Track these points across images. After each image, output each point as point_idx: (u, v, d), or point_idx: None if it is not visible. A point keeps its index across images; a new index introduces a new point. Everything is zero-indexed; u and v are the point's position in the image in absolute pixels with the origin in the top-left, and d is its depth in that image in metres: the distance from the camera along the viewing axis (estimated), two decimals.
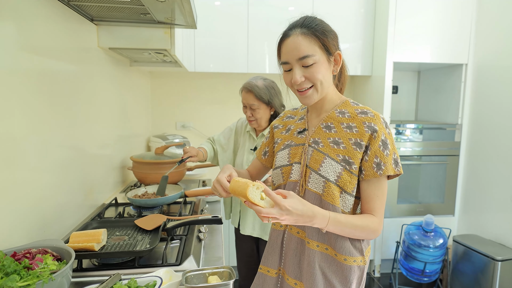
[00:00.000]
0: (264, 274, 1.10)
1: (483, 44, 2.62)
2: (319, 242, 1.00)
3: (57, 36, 1.28)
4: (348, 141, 0.98)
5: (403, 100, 3.29)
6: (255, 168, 1.25)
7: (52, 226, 1.24)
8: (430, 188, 2.91)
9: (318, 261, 1.00)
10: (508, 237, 2.41)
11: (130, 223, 1.31)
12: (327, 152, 0.99)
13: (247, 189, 0.84)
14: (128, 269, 1.07)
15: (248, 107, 1.77)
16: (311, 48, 0.95)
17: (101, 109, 1.76)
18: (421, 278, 2.57)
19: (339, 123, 1.02)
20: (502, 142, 2.45)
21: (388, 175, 0.97)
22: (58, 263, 0.87)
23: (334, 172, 0.96)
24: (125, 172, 2.22)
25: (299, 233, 1.04)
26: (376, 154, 0.95)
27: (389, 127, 1.01)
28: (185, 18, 1.54)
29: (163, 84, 3.03)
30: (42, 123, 1.18)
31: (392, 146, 0.98)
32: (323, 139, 1.02)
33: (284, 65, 1.00)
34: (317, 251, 1.00)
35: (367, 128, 0.97)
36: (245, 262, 2.04)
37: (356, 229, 0.95)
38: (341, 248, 0.98)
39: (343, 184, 0.96)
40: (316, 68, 0.96)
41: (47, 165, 1.21)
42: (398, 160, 0.99)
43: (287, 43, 0.98)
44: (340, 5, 2.75)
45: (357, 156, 0.96)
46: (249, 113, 1.78)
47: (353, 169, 0.96)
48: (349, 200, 0.99)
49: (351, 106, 1.04)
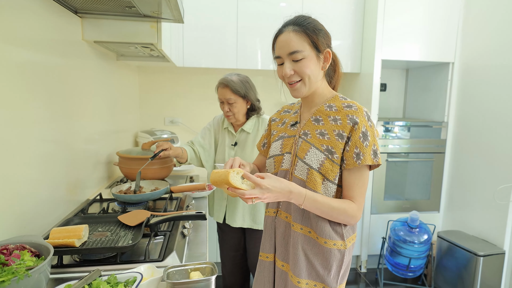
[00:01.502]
0: (263, 261, 1.19)
1: (469, 44, 2.65)
2: (302, 225, 1.08)
3: (38, 28, 1.25)
4: (332, 132, 1.06)
5: (392, 98, 3.31)
6: (260, 161, 1.35)
7: (34, 222, 1.23)
8: (416, 185, 2.95)
9: (301, 243, 1.08)
10: (490, 233, 2.46)
11: (113, 219, 1.30)
12: (313, 142, 1.07)
13: (229, 175, 0.91)
14: (110, 265, 1.06)
15: (225, 102, 1.82)
16: (300, 44, 1.03)
17: (87, 102, 1.74)
18: (406, 273, 2.61)
19: (327, 116, 1.09)
20: (486, 141, 2.49)
21: (368, 165, 1.04)
22: (36, 259, 0.86)
23: (317, 161, 1.04)
24: (111, 167, 2.20)
25: (287, 218, 1.13)
26: (356, 144, 1.02)
27: (372, 120, 1.07)
28: (172, 12, 1.53)
29: (151, 78, 3.00)
30: (23, 116, 1.15)
31: (373, 138, 1.04)
32: (312, 131, 1.10)
33: (277, 59, 1.09)
34: (300, 233, 1.08)
35: (349, 120, 1.04)
36: (231, 257, 2.04)
37: (333, 211, 1.02)
38: (322, 231, 1.06)
39: (325, 172, 1.04)
40: (304, 63, 1.04)
41: (29, 159, 1.19)
42: (377, 152, 1.05)
43: (280, 39, 1.06)
44: (330, 3, 2.75)
45: (339, 146, 1.04)
46: (227, 108, 1.83)
47: (335, 158, 1.04)
48: (331, 188, 1.06)
49: (339, 100, 1.11)
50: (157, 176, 2.00)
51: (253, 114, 1.88)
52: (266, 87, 2.81)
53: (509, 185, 2.29)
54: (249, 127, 1.86)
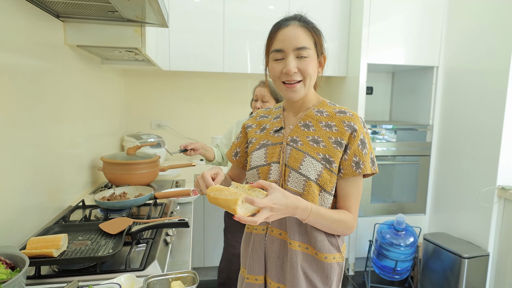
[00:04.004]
0: (252, 284, 1.07)
1: (453, 48, 2.69)
2: (300, 242, 1.00)
3: (17, 32, 1.22)
4: (328, 139, 0.98)
5: (378, 101, 3.34)
6: (234, 173, 1.23)
7: (12, 231, 1.19)
8: (403, 187, 2.98)
9: (300, 262, 1.00)
10: (475, 235, 2.49)
11: (94, 227, 1.28)
12: (307, 150, 0.99)
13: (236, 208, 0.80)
14: (90, 275, 1.04)
15: (260, 99, 1.93)
16: (308, 41, 0.96)
17: (70, 106, 1.71)
18: (393, 276, 2.63)
19: (318, 121, 1.02)
20: (470, 144, 2.53)
21: (365, 173, 0.99)
22: (11, 271, 0.84)
23: (315, 171, 0.96)
24: (96, 172, 2.16)
25: (282, 235, 1.03)
26: (355, 153, 0.97)
27: (367, 126, 1.03)
28: (156, 16, 1.51)
29: (138, 82, 2.97)
30: (2, 120, 1.12)
31: (369, 146, 1.00)
32: (302, 138, 1.01)
33: (277, 53, 0.98)
34: (299, 251, 1.00)
35: (347, 127, 0.98)
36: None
37: (334, 223, 0.96)
38: (321, 246, 0.99)
39: (323, 183, 0.97)
40: (309, 62, 0.97)
41: (8, 165, 1.16)
42: (374, 160, 1.01)
43: (285, 31, 0.97)
44: (316, 6, 2.76)
45: (338, 154, 0.97)
46: (259, 105, 1.93)
47: (333, 168, 0.97)
48: (328, 199, 0.99)
49: (329, 106, 1.05)
50: (143, 181, 1.98)
51: None
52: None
53: (492, 188, 2.33)
54: None
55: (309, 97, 1.05)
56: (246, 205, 0.82)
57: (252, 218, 0.80)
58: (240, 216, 0.80)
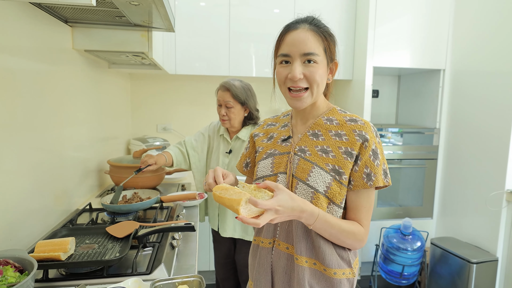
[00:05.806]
0: None
1: (459, 50, 2.67)
2: (307, 258, 0.95)
3: (26, 36, 1.24)
4: (337, 149, 0.93)
5: (384, 104, 3.33)
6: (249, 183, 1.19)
7: (20, 234, 1.21)
8: (409, 191, 2.95)
9: (308, 278, 0.95)
10: (483, 240, 2.46)
11: (101, 230, 1.28)
12: (315, 161, 0.94)
13: (239, 209, 0.78)
14: (97, 279, 1.04)
15: (223, 105, 1.80)
16: (317, 47, 0.91)
17: (77, 110, 1.73)
18: (400, 281, 2.60)
19: (327, 130, 0.97)
20: (478, 147, 2.50)
21: (377, 186, 0.93)
22: (19, 275, 0.85)
23: (324, 183, 0.92)
24: (102, 175, 2.18)
25: (288, 249, 0.98)
26: (367, 164, 0.91)
27: (379, 136, 0.97)
28: (162, 21, 1.53)
29: (144, 86, 3.00)
30: (10, 124, 1.14)
31: (382, 156, 0.94)
32: (310, 147, 0.97)
33: (283, 57, 0.94)
34: (306, 267, 0.95)
35: (358, 136, 0.92)
36: (223, 264, 2.03)
37: (342, 233, 0.91)
38: (330, 261, 0.94)
39: (332, 196, 0.92)
40: (316, 68, 0.91)
41: (16, 168, 1.17)
42: (387, 171, 0.95)
43: (293, 35, 0.92)
44: (321, 9, 2.76)
45: (348, 166, 0.92)
46: (224, 112, 1.80)
47: (343, 180, 0.92)
48: (337, 212, 0.94)
49: (339, 113, 1.00)
50: (149, 185, 1.99)
51: (250, 123, 1.87)
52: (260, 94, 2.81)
53: (501, 192, 2.30)
54: (244, 134, 1.85)
55: (318, 104, 1.00)
56: (250, 206, 0.80)
57: (255, 220, 0.78)
58: (243, 217, 0.77)
